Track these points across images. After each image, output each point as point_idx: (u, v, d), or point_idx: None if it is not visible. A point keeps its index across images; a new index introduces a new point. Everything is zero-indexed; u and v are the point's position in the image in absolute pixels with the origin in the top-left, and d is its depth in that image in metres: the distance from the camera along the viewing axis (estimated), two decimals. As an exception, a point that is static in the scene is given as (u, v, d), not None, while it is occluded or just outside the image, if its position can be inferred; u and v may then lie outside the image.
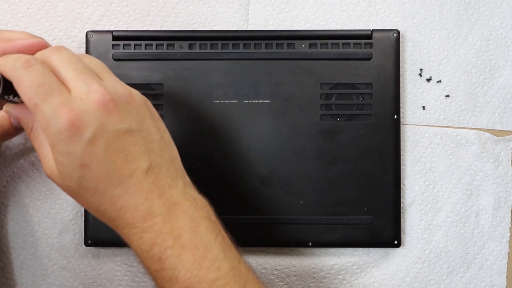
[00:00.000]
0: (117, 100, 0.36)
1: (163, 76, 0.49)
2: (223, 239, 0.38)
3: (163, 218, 0.36)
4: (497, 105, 0.52)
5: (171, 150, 0.39)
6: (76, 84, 0.35)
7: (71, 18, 0.51)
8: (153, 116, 0.38)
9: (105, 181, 0.35)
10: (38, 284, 0.50)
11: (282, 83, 0.49)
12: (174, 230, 0.36)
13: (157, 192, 0.36)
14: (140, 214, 0.36)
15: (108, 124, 0.35)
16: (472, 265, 0.51)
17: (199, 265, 0.36)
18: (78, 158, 0.35)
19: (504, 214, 0.51)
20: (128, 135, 0.36)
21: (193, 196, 0.38)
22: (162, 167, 0.37)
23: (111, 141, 0.35)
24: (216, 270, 0.36)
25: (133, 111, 0.37)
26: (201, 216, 0.37)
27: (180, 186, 0.38)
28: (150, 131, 0.37)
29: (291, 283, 0.51)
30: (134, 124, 0.36)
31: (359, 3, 0.51)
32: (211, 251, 0.36)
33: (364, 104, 0.49)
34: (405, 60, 0.51)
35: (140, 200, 0.36)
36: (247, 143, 0.49)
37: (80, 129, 0.34)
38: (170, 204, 0.37)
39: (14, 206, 0.50)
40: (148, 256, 0.36)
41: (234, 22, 0.51)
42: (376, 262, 0.51)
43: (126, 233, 0.37)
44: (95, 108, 0.35)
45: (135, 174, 0.36)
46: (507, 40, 0.52)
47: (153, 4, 0.51)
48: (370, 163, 0.49)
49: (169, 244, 0.36)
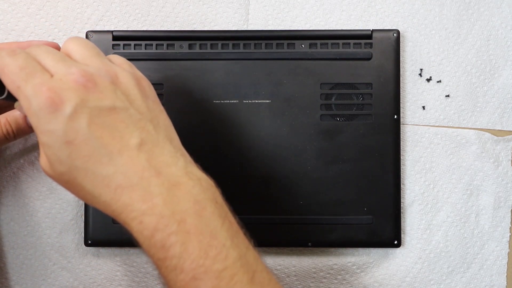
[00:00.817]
0: (98, 80, 0.35)
1: (163, 76, 0.49)
2: (230, 224, 0.35)
3: (163, 199, 0.34)
4: (497, 105, 0.52)
5: (167, 130, 0.37)
6: (56, 68, 0.35)
7: (71, 18, 0.51)
8: (147, 97, 0.37)
9: (94, 158, 0.34)
10: (38, 284, 0.50)
11: (282, 83, 0.49)
12: (177, 214, 0.33)
13: (153, 170, 0.34)
14: (137, 193, 0.34)
15: (89, 101, 0.34)
16: (472, 265, 0.51)
17: (205, 253, 0.33)
18: (61, 135, 0.34)
19: (504, 214, 0.51)
20: (113, 112, 0.35)
21: (197, 176, 0.35)
22: (156, 144, 0.35)
23: (94, 117, 0.34)
24: (224, 259, 0.33)
25: (118, 90, 0.36)
26: (207, 198, 0.35)
27: (181, 164, 0.35)
28: (140, 110, 0.36)
29: (291, 283, 0.51)
30: (118, 102, 0.35)
31: (359, 3, 0.51)
32: (217, 238, 0.34)
33: (364, 104, 0.49)
34: (405, 60, 0.51)
35: (136, 179, 0.34)
36: (247, 143, 0.49)
37: (59, 105, 0.33)
38: (170, 184, 0.34)
39: (14, 206, 0.50)
40: (151, 243, 0.34)
41: (234, 22, 0.51)
42: (376, 262, 0.51)
43: (125, 219, 0.34)
44: (74, 86, 0.34)
45: (125, 150, 0.34)
46: (507, 40, 0.52)
47: (153, 4, 0.51)
48: (370, 163, 0.49)
49: (172, 230, 0.33)
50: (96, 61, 0.37)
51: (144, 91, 0.37)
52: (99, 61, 0.37)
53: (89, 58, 0.37)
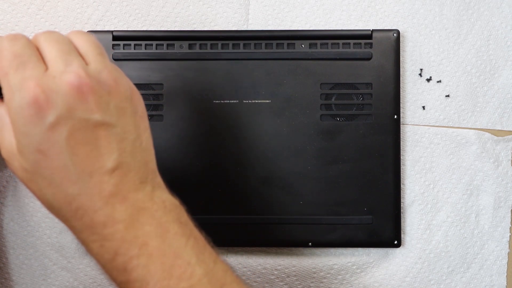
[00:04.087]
0: (95, 86, 0.32)
1: (163, 76, 0.49)
2: (195, 241, 0.34)
3: (125, 225, 0.32)
4: (497, 105, 0.52)
5: (146, 152, 0.35)
6: (54, 62, 0.33)
7: (71, 18, 0.51)
8: (135, 113, 0.35)
9: (62, 174, 0.32)
10: (38, 284, 0.50)
11: (282, 83, 0.49)
12: (139, 238, 0.33)
13: (120, 196, 0.33)
14: (99, 219, 0.32)
15: (77, 111, 0.32)
16: (472, 265, 0.51)
17: (169, 274, 0.32)
18: (35, 142, 0.32)
19: (504, 214, 0.51)
20: (99, 128, 0.33)
21: (162, 199, 0.35)
22: (131, 169, 0.34)
23: (76, 131, 0.32)
24: (189, 277, 0.33)
25: (112, 103, 0.33)
26: (170, 220, 0.34)
27: (148, 189, 0.34)
28: (126, 128, 0.34)
29: (291, 283, 0.51)
30: (109, 117, 0.33)
31: (359, 3, 0.51)
32: (181, 257, 0.33)
33: (364, 104, 0.49)
34: (405, 60, 0.51)
35: (100, 204, 0.32)
36: (247, 143, 0.49)
37: (43, 109, 0.31)
38: (134, 210, 0.33)
39: (14, 206, 0.50)
40: (112, 267, 0.33)
41: (234, 22, 0.51)
42: (376, 262, 0.51)
43: (85, 239, 0.33)
44: (66, 90, 0.32)
45: (96, 173, 0.32)
46: (507, 40, 0.52)
47: (153, 4, 0.51)
48: (370, 163, 0.49)
49: (134, 253, 0.32)
50: (99, 61, 0.34)
51: (134, 105, 0.35)
52: (102, 61, 0.34)
53: (93, 56, 0.34)
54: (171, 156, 0.48)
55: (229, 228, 0.49)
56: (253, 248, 0.51)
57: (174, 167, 0.49)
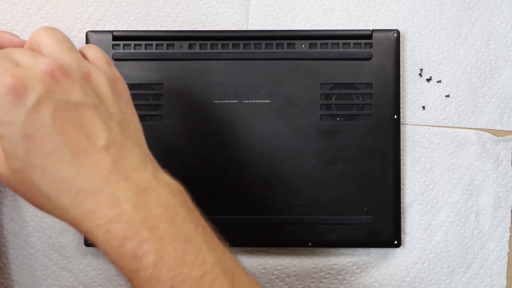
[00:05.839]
0: (68, 72, 0.32)
1: (163, 76, 0.49)
2: (204, 229, 0.33)
3: (133, 205, 0.31)
4: (497, 105, 0.52)
5: (137, 134, 0.34)
6: (24, 61, 0.32)
7: (71, 18, 0.51)
8: (119, 99, 0.34)
9: (54, 157, 0.31)
10: (38, 284, 0.50)
11: (282, 83, 0.49)
12: (149, 220, 0.31)
13: (121, 175, 0.31)
14: (103, 199, 0.30)
15: (55, 93, 0.31)
16: (472, 265, 0.51)
17: (182, 260, 0.31)
18: (20, 128, 0.30)
19: (504, 214, 0.51)
20: (80, 108, 0.32)
21: (166, 181, 0.33)
22: (124, 147, 0.32)
23: (60, 111, 0.31)
24: (201, 264, 0.31)
25: (88, 87, 0.33)
26: (178, 203, 0.32)
27: (150, 169, 0.33)
28: (110, 110, 0.33)
29: (291, 283, 0.51)
30: (88, 99, 0.32)
31: (359, 3, 0.51)
32: (192, 244, 0.31)
33: (364, 104, 0.49)
34: (405, 60, 0.51)
35: (101, 183, 0.31)
36: (247, 143, 0.49)
37: (21, 93, 0.30)
38: (139, 189, 0.31)
39: (14, 206, 0.50)
40: (120, 254, 0.31)
41: (234, 22, 0.51)
42: (376, 262, 0.51)
43: (88, 227, 0.31)
44: (40, 76, 0.31)
45: (91, 151, 0.31)
46: (507, 40, 0.52)
47: (153, 4, 0.51)
48: (370, 163, 0.49)
49: (145, 237, 0.30)
50: (68, 56, 0.34)
51: (117, 91, 0.35)
52: (72, 56, 0.34)
53: (61, 52, 0.34)
54: (171, 156, 0.48)
55: (229, 228, 0.49)
56: (253, 248, 0.51)
57: (174, 167, 0.48)
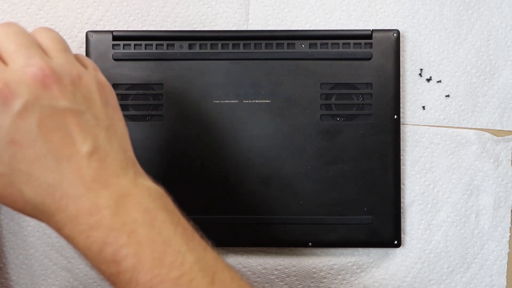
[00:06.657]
0: (59, 77, 0.32)
1: (163, 76, 0.49)
2: (184, 230, 0.34)
3: (111, 211, 0.32)
4: (497, 105, 0.52)
5: (122, 139, 0.35)
6: (14, 58, 0.32)
7: (71, 18, 0.51)
8: (107, 104, 0.35)
9: (40, 163, 0.31)
10: (38, 284, 0.50)
11: (282, 83, 0.49)
12: (127, 225, 0.32)
13: (102, 182, 0.32)
14: (84, 206, 0.31)
15: (43, 99, 0.31)
16: (472, 265, 0.51)
17: (160, 262, 0.32)
18: (6, 133, 0.31)
19: (504, 214, 0.51)
20: (68, 115, 0.32)
21: (146, 186, 0.34)
22: (108, 154, 0.33)
23: (46, 118, 0.31)
24: (180, 265, 0.32)
25: (78, 93, 0.33)
26: (157, 207, 0.33)
27: (131, 175, 0.34)
28: (97, 116, 0.34)
29: (291, 283, 0.51)
30: (76, 105, 0.33)
31: (359, 3, 0.51)
32: (171, 245, 0.32)
33: (364, 104, 0.49)
34: (405, 60, 0.51)
35: (83, 190, 0.32)
36: (247, 143, 0.49)
37: (8, 98, 0.31)
38: (118, 196, 0.32)
39: (14, 206, 0.50)
40: (100, 259, 0.32)
41: (234, 22, 0.51)
42: (376, 262, 0.51)
43: (70, 232, 0.32)
44: (29, 81, 0.31)
45: (74, 158, 0.32)
46: (507, 40, 0.52)
47: (153, 4, 0.51)
48: (370, 163, 0.49)
49: (123, 242, 0.31)
50: (61, 57, 0.34)
51: (105, 97, 0.35)
52: (65, 57, 0.34)
53: (55, 51, 0.34)
54: (171, 156, 0.48)
55: (229, 228, 0.49)
56: (253, 248, 0.51)
57: (174, 167, 0.49)
